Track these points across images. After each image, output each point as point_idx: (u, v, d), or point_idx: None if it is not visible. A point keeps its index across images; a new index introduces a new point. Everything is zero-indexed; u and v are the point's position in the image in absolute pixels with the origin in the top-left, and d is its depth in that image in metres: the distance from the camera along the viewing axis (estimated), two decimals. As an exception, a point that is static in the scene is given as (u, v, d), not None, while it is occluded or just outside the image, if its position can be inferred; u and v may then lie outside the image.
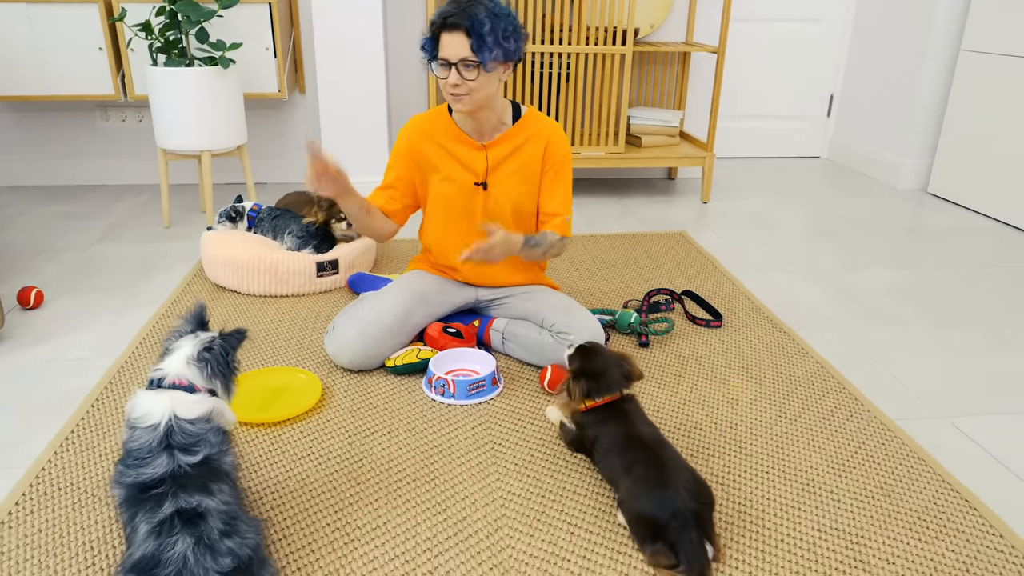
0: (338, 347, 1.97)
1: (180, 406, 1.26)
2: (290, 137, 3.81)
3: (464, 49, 1.78)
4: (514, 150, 2.00)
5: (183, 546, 1.15)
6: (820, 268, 2.81)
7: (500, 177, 2.00)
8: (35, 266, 2.70)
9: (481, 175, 2.00)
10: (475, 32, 1.76)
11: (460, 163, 2.00)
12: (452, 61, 1.80)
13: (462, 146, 1.99)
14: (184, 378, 1.32)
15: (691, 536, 1.28)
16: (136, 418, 1.24)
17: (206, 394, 1.32)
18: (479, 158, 1.99)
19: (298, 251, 2.49)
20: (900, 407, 1.89)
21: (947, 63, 3.74)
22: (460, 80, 1.81)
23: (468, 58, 1.79)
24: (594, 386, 1.57)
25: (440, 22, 1.80)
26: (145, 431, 1.22)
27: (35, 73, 3.21)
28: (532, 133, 2.00)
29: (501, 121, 1.99)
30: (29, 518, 1.44)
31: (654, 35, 3.90)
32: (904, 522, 1.47)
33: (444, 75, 1.83)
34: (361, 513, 1.46)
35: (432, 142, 2.01)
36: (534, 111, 2.03)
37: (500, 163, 2.00)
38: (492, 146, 1.99)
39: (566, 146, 2.02)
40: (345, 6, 3.14)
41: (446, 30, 1.79)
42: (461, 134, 1.99)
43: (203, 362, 1.36)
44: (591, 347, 1.65)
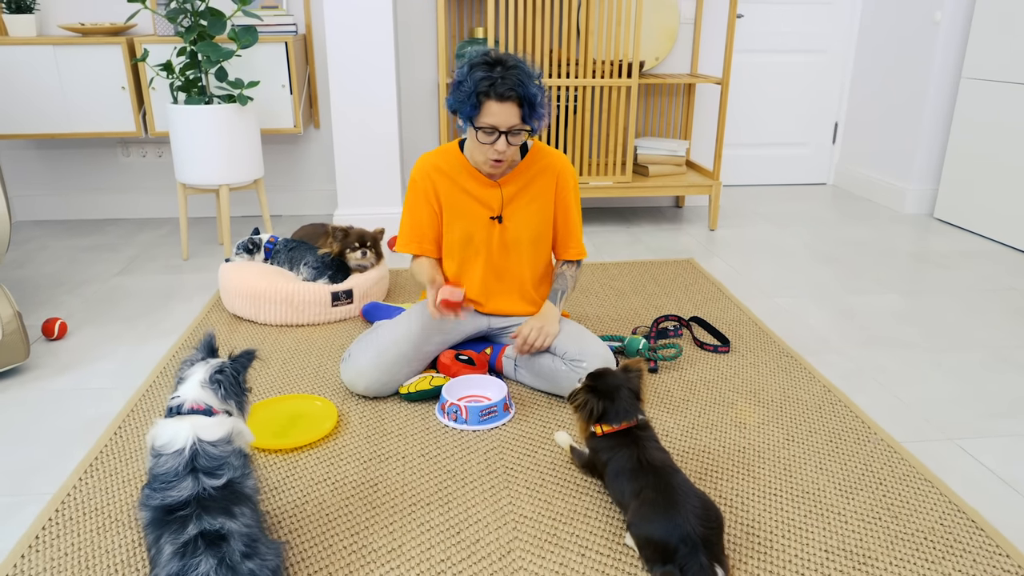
0: (354, 374, 2.02)
1: (202, 429, 1.31)
2: (305, 171, 3.90)
3: (515, 118, 1.83)
4: (527, 184, 2.06)
5: (206, 567, 1.19)
6: (826, 293, 2.85)
7: (515, 210, 2.06)
8: (58, 298, 2.77)
9: (497, 210, 2.05)
10: (527, 102, 1.82)
11: (475, 199, 2.05)
12: (502, 129, 1.84)
13: (476, 183, 2.04)
14: (201, 402, 1.37)
15: (700, 561, 1.31)
16: (161, 445, 1.29)
17: (224, 415, 1.37)
18: (494, 195, 2.05)
19: (313, 281, 2.55)
20: (906, 429, 1.92)
21: (949, 90, 3.80)
22: (506, 147, 1.86)
23: (518, 126, 1.84)
24: (610, 410, 1.60)
25: (487, 89, 1.80)
26: (171, 456, 1.27)
27: (59, 111, 3.32)
28: (544, 166, 2.06)
29: (511, 159, 2.04)
30: (55, 542, 1.48)
31: (659, 67, 3.99)
32: (911, 543, 1.49)
33: (489, 140, 1.86)
34: (377, 536, 1.50)
35: (446, 179, 2.05)
36: (541, 144, 2.10)
37: (514, 197, 2.05)
38: (506, 182, 2.04)
39: (575, 179, 2.10)
40: (358, 43, 3.24)
41: (495, 99, 1.80)
42: (473, 172, 2.04)
43: (216, 384, 1.41)
44: (603, 372, 1.68)
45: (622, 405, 1.61)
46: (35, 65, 3.23)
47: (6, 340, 2.14)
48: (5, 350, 2.14)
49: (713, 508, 1.40)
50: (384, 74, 3.29)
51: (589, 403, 1.60)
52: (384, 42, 3.25)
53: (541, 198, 2.07)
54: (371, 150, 3.40)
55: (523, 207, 2.06)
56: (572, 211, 2.12)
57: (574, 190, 2.10)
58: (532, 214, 2.07)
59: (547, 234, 2.11)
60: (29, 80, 3.25)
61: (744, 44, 4.27)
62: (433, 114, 3.88)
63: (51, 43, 3.21)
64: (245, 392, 1.48)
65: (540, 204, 2.07)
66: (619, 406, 1.61)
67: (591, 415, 1.60)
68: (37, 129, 3.34)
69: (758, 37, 4.27)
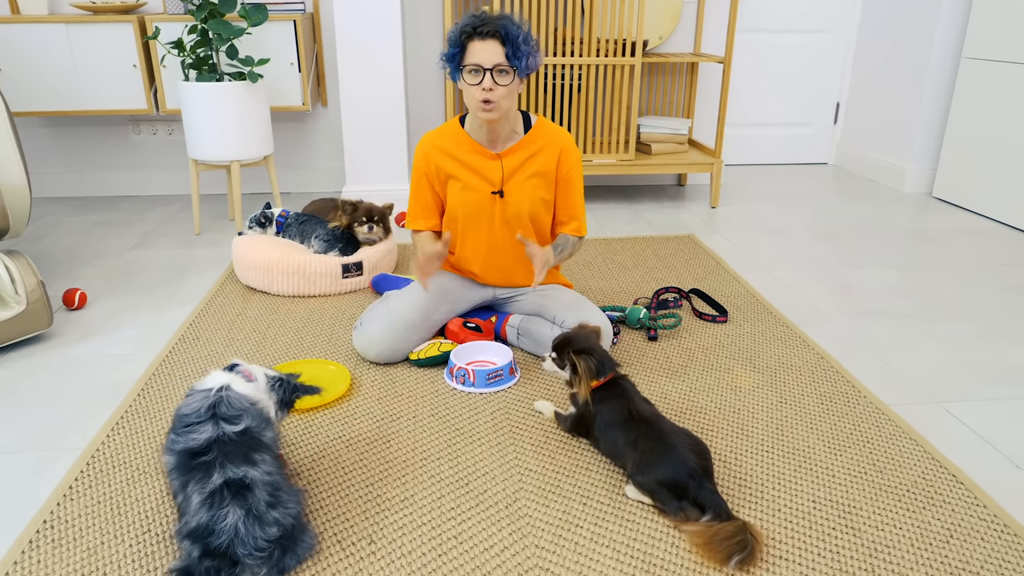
0: (366, 342, 2.10)
1: (236, 382, 1.41)
2: (313, 148, 3.97)
3: (498, 55, 1.89)
4: (528, 158, 2.10)
5: (234, 518, 1.28)
6: (824, 268, 2.92)
7: (516, 184, 2.11)
8: (76, 271, 2.86)
9: (497, 184, 2.10)
10: (510, 40, 1.88)
11: (476, 173, 2.10)
12: (486, 67, 1.89)
13: (477, 156, 2.09)
14: (253, 374, 1.47)
15: (708, 487, 1.45)
16: (197, 383, 1.40)
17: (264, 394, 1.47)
18: (495, 167, 2.10)
19: (324, 254, 2.63)
20: (895, 394, 2.00)
21: (949, 70, 3.85)
22: (493, 85, 1.90)
23: (502, 64, 1.90)
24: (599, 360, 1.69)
25: (471, 31, 1.89)
26: (199, 394, 1.37)
27: (71, 89, 3.38)
28: (546, 142, 2.11)
29: (513, 131, 2.09)
30: (88, 491, 1.57)
31: (662, 46, 4.04)
32: (894, 495, 1.58)
33: (475, 81, 1.91)
34: (390, 487, 1.59)
35: (447, 155, 2.10)
36: (544, 120, 2.14)
37: (515, 171, 2.10)
38: (507, 155, 2.09)
39: (578, 153, 2.14)
40: (365, 21, 3.29)
41: (477, 38, 1.89)
42: (475, 145, 2.09)
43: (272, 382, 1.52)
44: (570, 335, 1.76)
45: (604, 358, 1.71)
46: (47, 43, 3.30)
47: (30, 308, 2.23)
48: (30, 318, 2.23)
49: (700, 441, 1.56)
50: (391, 52, 3.35)
51: (588, 363, 1.69)
52: (391, 20, 3.31)
53: (543, 175, 2.10)
54: (378, 127, 3.47)
55: (524, 181, 2.10)
56: (573, 188, 2.15)
57: (576, 167, 2.13)
58: (533, 188, 2.10)
59: (546, 211, 2.15)
60: (41, 58, 3.32)
61: (747, 23, 4.31)
62: (440, 91, 3.94)
63: (63, 21, 3.27)
64: (289, 406, 1.57)
65: (542, 179, 2.11)
66: (601, 360, 1.70)
67: (591, 372, 1.68)
68: (50, 107, 3.41)
69: (761, 17, 4.31)
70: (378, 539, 1.44)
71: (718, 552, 1.37)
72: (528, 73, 1.97)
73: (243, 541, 1.27)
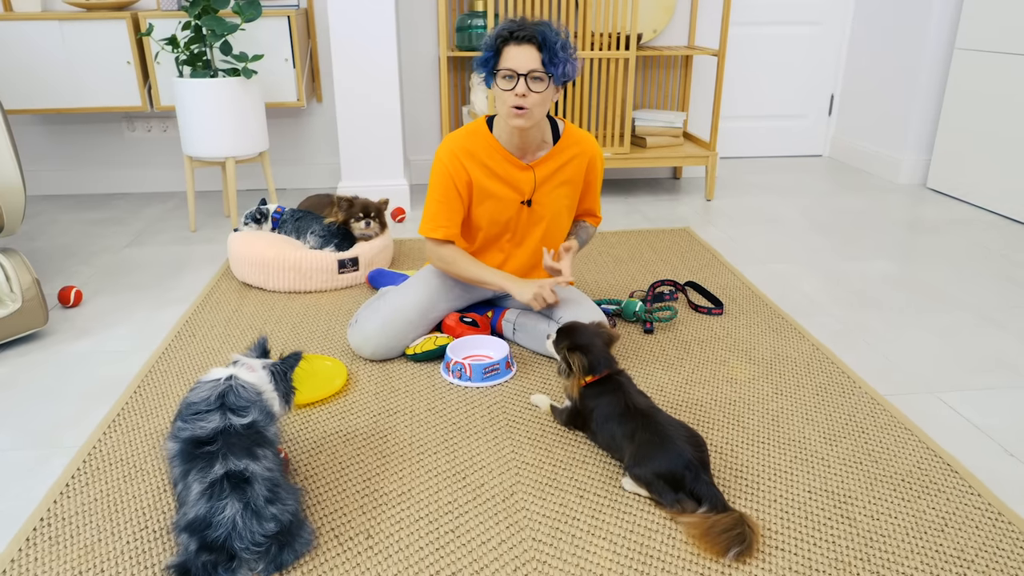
0: (361, 340, 2.10)
1: (242, 372, 1.42)
2: (308, 144, 3.97)
3: (534, 61, 1.83)
4: (559, 168, 2.07)
5: (232, 511, 1.28)
6: (819, 260, 2.93)
7: (545, 193, 2.08)
8: (71, 268, 2.86)
9: (527, 194, 2.07)
10: (547, 46, 1.83)
11: (506, 183, 2.04)
12: (521, 72, 1.84)
13: (508, 166, 2.03)
14: (254, 367, 1.48)
15: (705, 479, 1.46)
16: (202, 377, 1.40)
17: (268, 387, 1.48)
18: (526, 178, 2.05)
19: (320, 249, 2.63)
20: (889, 384, 2.01)
21: (942, 61, 3.85)
22: (527, 91, 1.84)
23: (537, 70, 1.84)
24: (591, 358, 1.70)
25: (507, 35, 1.84)
26: (207, 384, 1.38)
27: (65, 86, 3.37)
28: (577, 151, 2.07)
29: (544, 140, 2.05)
30: (85, 489, 1.58)
31: (657, 40, 4.03)
32: (889, 484, 1.58)
33: (509, 86, 1.86)
34: (388, 481, 1.60)
35: (476, 162, 2.01)
36: (572, 127, 2.09)
37: (546, 181, 2.07)
38: (538, 165, 2.05)
39: (603, 158, 2.17)
40: (360, 16, 3.29)
41: (514, 43, 1.83)
42: (506, 153, 2.02)
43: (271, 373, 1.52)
44: (571, 326, 1.77)
45: (600, 355, 1.71)
46: (41, 40, 3.29)
47: (26, 306, 2.23)
48: (25, 316, 2.23)
49: (696, 433, 1.56)
50: (386, 47, 3.34)
51: (579, 360, 1.69)
52: (385, 15, 3.30)
53: (572, 183, 2.10)
54: (374, 123, 3.46)
55: (553, 190, 2.08)
56: (595, 188, 2.19)
57: (601, 171, 2.17)
58: (561, 196, 2.10)
59: (571, 214, 2.18)
60: (35, 55, 3.31)
61: (741, 16, 4.31)
62: (435, 87, 3.93)
63: (56, 18, 3.26)
64: (292, 389, 1.57)
65: (570, 188, 2.10)
66: (598, 356, 1.71)
67: (582, 369, 1.68)
68: (43, 104, 3.40)
69: (755, 9, 4.31)
70: (375, 534, 1.44)
71: (716, 544, 1.37)
72: (565, 81, 1.90)
73: (240, 535, 1.27)
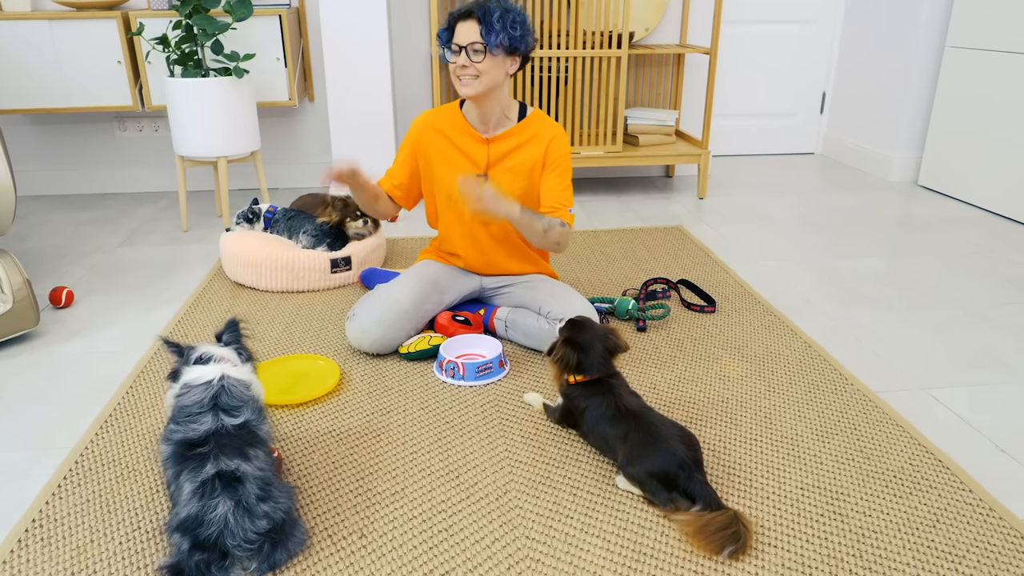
0: (359, 332, 2.10)
1: (230, 369, 1.41)
2: (301, 144, 3.96)
3: (473, 34, 1.96)
4: (516, 147, 2.12)
5: (224, 508, 1.28)
6: (811, 257, 2.94)
7: (500, 172, 2.13)
8: (62, 269, 2.84)
9: (482, 167, 2.14)
10: (485, 19, 1.95)
11: (463, 154, 2.14)
12: (463, 45, 1.97)
13: (466, 138, 2.14)
14: (228, 356, 1.47)
15: (698, 478, 1.46)
16: (189, 380, 1.38)
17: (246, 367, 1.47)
18: (481, 151, 2.13)
19: (313, 249, 2.63)
20: (881, 380, 2.02)
21: (933, 59, 3.87)
22: (468, 62, 1.97)
23: (476, 42, 1.95)
24: (584, 362, 1.69)
25: (456, 13, 1.99)
26: (198, 388, 1.37)
27: (56, 86, 3.36)
28: (535, 133, 2.13)
29: (505, 116, 2.12)
30: (77, 490, 1.57)
31: (649, 38, 4.04)
32: (881, 481, 1.59)
33: (454, 59, 1.99)
34: (381, 481, 1.59)
35: (438, 133, 2.15)
36: (540, 113, 2.17)
37: (501, 158, 2.13)
38: (495, 140, 2.12)
39: (566, 147, 2.14)
40: (351, 15, 3.28)
41: (461, 19, 1.98)
42: (467, 126, 2.13)
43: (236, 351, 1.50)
44: (581, 321, 1.77)
45: (595, 359, 1.70)
46: (31, 40, 3.27)
47: (16, 307, 2.22)
48: (16, 317, 2.22)
49: (689, 433, 1.56)
50: (377, 46, 3.34)
51: (566, 356, 1.69)
52: (377, 13, 3.29)
53: (527, 164, 2.12)
54: (366, 121, 3.46)
55: (509, 170, 2.13)
56: (561, 177, 2.12)
57: (565, 157, 2.13)
58: (515, 178, 2.12)
59: (533, 198, 2.16)
60: (25, 55, 3.29)
61: (733, 14, 4.32)
62: (427, 85, 3.93)
63: (46, 18, 3.24)
64: (251, 356, 1.56)
65: (526, 170, 2.12)
66: (592, 359, 1.69)
67: (566, 366, 1.68)
68: (34, 104, 3.38)
69: (746, 7, 4.32)
70: (369, 533, 1.44)
71: (711, 542, 1.38)
72: (509, 49, 1.98)
73: (232, 532, 1.27)
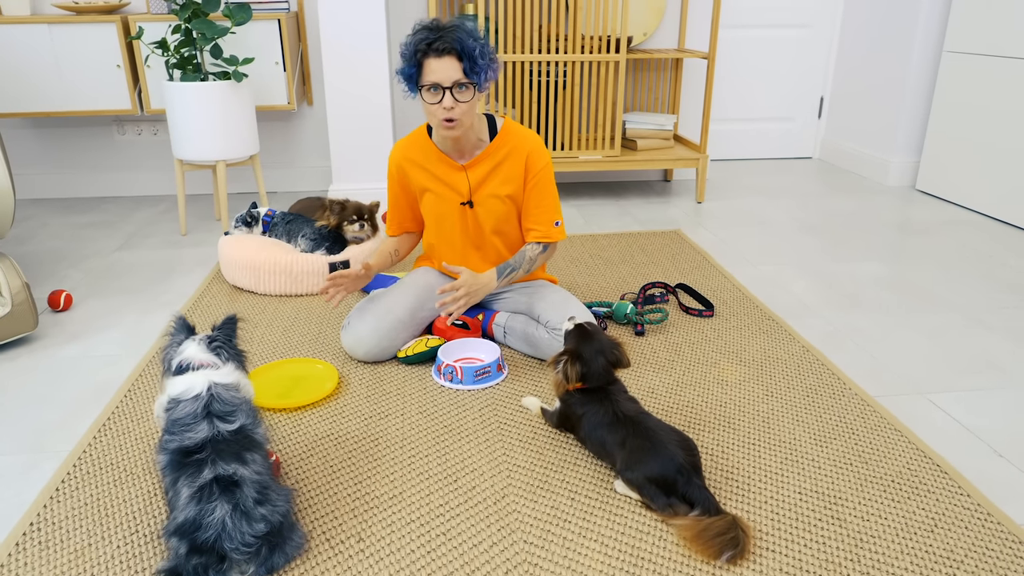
0: (353, 341, 2.10)
1: (216, 376, 1.40)
2: (299, 148, 3.96)
3: (456, 72, 1.83)
4: (495, 167, 2.06)
5: (221, 512, 1.28)
6: (809, 261, 2.94)
7: (484, 196, 2.08)
8: (61, 272, 2.84)
9: (465, 195, 2.09)
10: (466, 55, 1.83)
11: (444, 184, 2.09)
12: (445, 85, 1.84)
13: (444, 167, 2.08)
14: (209, 360, 1.45)
15: (696, 483, 1.46)
16: (179, 393, 1.37)
17: (231, 367, 1.46)
18: (461, 179, 2.07)
19: (311, 253, 2.63)
20: (879, 385, 2.02)
21: (931, 64, 3.88)
22: (454, 103, 1.86)
23: (461, 80, 1.84)
24: (587, 374, 1.68)
25: (425, 48, 1.82)
26: (189, 402, 1.36)
27: (55, 89, 3.36)
28: (511, 148, 2.06)
29: (479, 139, 2.05)
30: (75, 493, 1.57)
31: (647, 43, 4.05)
32: (879, 485, 1.59)
33: (435, 99, 1.86)
34: (379, 485, 1.59)
35: (416, 166, 2.10)
36: (511, 123, 2.08)
37: (483, 182, 2.07)
38: (472, 166, 2.06)
39: (546, 156, 2.07)
40: (350, 19, 3.29)
41: (433, 55, 1.82)
42: (441, 155, 2.06)
43: (216, 351, 1.48)
44: (589, 329, 1.77)
45: (597, 371, 1.69)
46: (30, 44, 3.27)
47: (15, 310, 2.21)
48: (15, 320, 2.22)
49: (687, 438, 1.56)
50: (376, 50, 3.35)
51: (569, 370, 1.69)
52: (376, 18, 3.30)
53: (511, 182, 2.06)
54: (364, 126, 3.46)
55: (493, 191, 2.07)
56: (542, 193, 2.07)
57: (545, 170, 2.06)
58: (502, 199, 2.08)
59: (516, 219, 2.14)
60: (24, 59, 3.29)
61: (731, 19, 4.33)
62: (425, 90, 3.93)
63: (46, 21, 3.25)
64: (242, 353, 1.54)
65: (510, 188, 2.07)
66: (594, 372, 1.69)
67: (569, 380, 1.68)
68: (33, 107, 3.38)
69: (744, 12, 4.33)
70: (367, 537, 1.44)
71: (709, 547, 1.38)
72: (488, 85, 1.92)
73: (230, 536, 1.27)
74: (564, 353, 1.72)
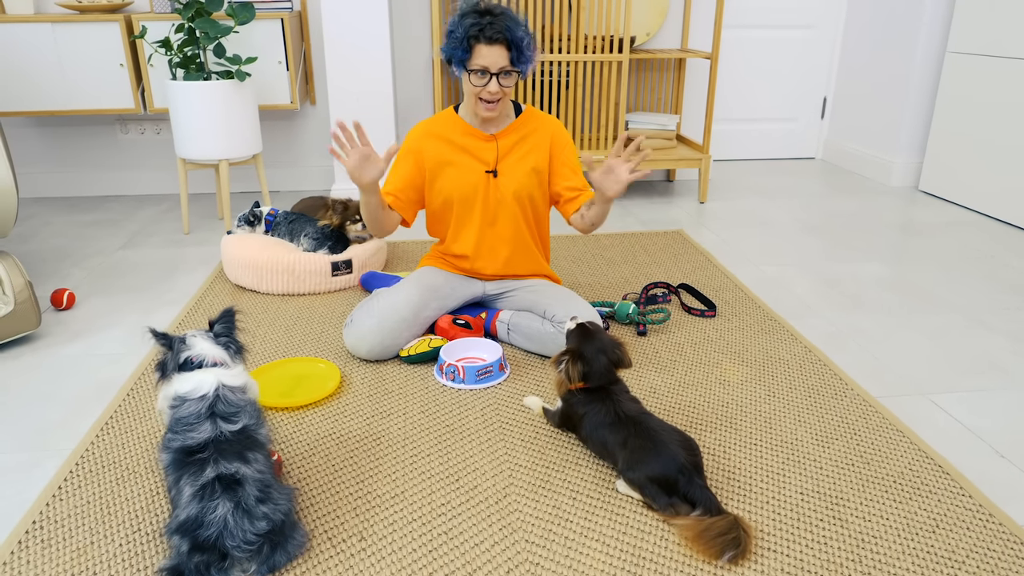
0: (356, 339, 2.11)
1: (226, 377, 1.40)
2: (302, 147, 3.97)
3: (504, 60, 1.96)
4: (522, 138, 2.16)
5: (223, 510, 1.28)
6: (811, 262, 2.94)
7: (509, 164, 2.15)
8: (64, 271, 2.85)
9: (492, 163, 2.15)
10: (515, 45, 1.95)
11: (470, 154, 2.15)
12: (493, 71, 1.97)
13: (471, 139, 2.15)
14: (220, 358, 1.46)
15: (698, 483, 1.46)
16: (186, 392, 1.38)
17: (240, 368, 1.46)
18: (490, 148, 2.15)
19: (314, 252, 2.63)
20: (881, 386, 2.02)
21: (934, 64, 3.87)
22: (499, 88, 1.99)
23: (508, 68, 1.97)
24: (588, 373, 1.68)
25: (477, 34, 1.94)
26: (194, 401, 1.36)
27: (58, 88, 3.37)
28: (537, 125, 2.18)
29: (506, 115, 2.16)
30: (78, 492, 1.57)
31: (650, 43, 4.05)
32: (881, 486, 1.59)
33: (482, 83, 1.99)
34: (381, 484, 1.60)
35: (439, 139, 2.15)
36: (533, 108, 2.21)
37: (510, 151, 2.15)
38: (502, 136, 2.15)
39: (568, 135, 2.21)
40: (353, 18, 3.29)
41: (484, 42, 1.94)
42: (469, 128, 2.15)
43: (225, 345, 1.49)
44: (591, 329, 1.77)
45: (599, 371, 1.69)
46: (34, 43, 3.28)
47: (18, 309, 2.22)
48: (18, 318, 2.22)
49: (689, 438, 1.56)
50: (379, 49, 3.35)
51: (571, 370, 1.69)
52: (379, 17, 3.30)
53: (536, 152, 2.16)
54: (367, 125, 3.46)
55: (518, 161, 2.15)
56: (573, 164, 2.18)
57: (570, 146, 2.20)
58: (527, 168, 2.15)
59: (543, 191, 2.19)
60: (28, 57, 3.30)
61: (734, 19, 4.33)
62: (428, 89, 3.94)
63: (49, 20, 3.25)
64: (243, 348, 1.54)
65: (535, 159, 2.15)
66: (596, 371, 1.69)
67: (570, 380, 1.68)
68: (36, 106, 3.38)
69: (748, 12, 4.33)
70: (368, 536, 1.44)
71: (711, 547, 1.38)
72: (528, 73, 2.05)
73: (232, 533, 1.27)
74: (566, 352, 1.72)
